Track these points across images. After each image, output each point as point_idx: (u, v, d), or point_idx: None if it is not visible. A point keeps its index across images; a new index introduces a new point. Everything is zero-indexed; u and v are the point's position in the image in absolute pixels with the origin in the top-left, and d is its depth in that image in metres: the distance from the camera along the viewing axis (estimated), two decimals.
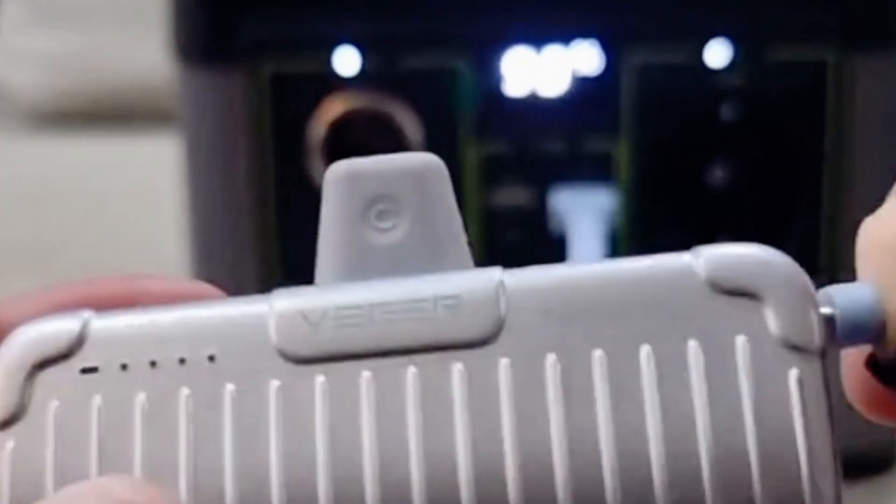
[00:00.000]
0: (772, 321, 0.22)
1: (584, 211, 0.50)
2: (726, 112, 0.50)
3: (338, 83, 0.50)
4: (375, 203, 0.24)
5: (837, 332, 0.22)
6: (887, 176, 0.51)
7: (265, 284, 0.51)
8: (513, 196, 0.51)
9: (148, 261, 0.81)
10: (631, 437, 0.22)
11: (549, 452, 0.22)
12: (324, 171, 0.51)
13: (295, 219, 0.51)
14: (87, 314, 0.23)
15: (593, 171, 0.50)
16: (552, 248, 0.50)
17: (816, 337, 0.22)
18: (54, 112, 1.05)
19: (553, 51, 0.49)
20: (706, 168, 0.51)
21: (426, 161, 0.24)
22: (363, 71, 0.49)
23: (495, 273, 0.23)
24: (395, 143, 0.50)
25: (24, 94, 1.07)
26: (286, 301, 0.23)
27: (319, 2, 0.50)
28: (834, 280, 0.51)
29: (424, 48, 0.49)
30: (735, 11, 0.50)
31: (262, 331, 0.23)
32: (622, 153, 0.50)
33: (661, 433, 0.22)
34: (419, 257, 0.24)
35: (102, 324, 0.23)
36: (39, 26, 1.07)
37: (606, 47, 0.49)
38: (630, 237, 0.51)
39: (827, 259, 0.51)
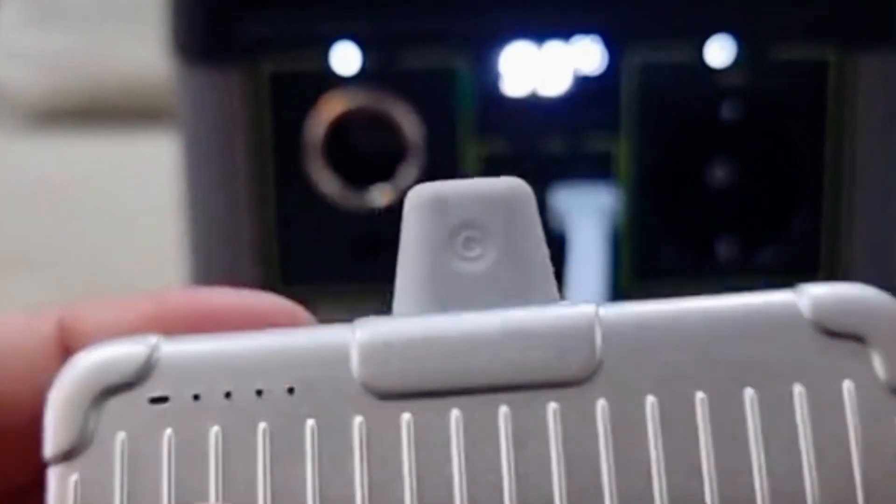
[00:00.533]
0: (879, 365, 0.22)
1: (584, 210, 0.50)
2: (727, 111, 0.50)
3: (336, 82, 0.49)
4: (461, 230, 0.23)
5: None
6: (888, 176, 0.51)
7: (263, 284, 0.51)
8: None
9: (146, 259, 0.81)
10: (735, 483, 0.21)
11: (649, 497, 0.21)
12: (323, 168, 0.51)
13: (294, 218, 0.51)
14: (155, 339, 0.22)
15: (594, 170, 0.50)
16: (552, 247, 0.50)
17: None
18: (53, 112, 1.05)
19: (553, 48, 0.49)
20: (707, 167, 0.51)
21: (514, 186, 0.23)
22: (362, 69, 0.49)
23: (590, 308, 0.22)
24: (395, 141, 0.50)
25: (23, 94, 1.06)
26: (370, 331, 0.22)
27: (318, 0, 0.50)
28: (833, 279, 0.51)
29: (424, 46, 0.49)
30: (736, 10, 0.49)
31: (344, 362, 0.22)
32: (623, 152, 0.50)
33: (766, 479, 0.21)
34: (506, 288, 0.23)
35: (172, 349, 0.22)
36: (39, 26, 1.06)
37: (608, 44, 0.49)
38: (631, 236, 0.51)
39: (827, 258, 0.51)
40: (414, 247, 0.23)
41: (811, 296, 0.22)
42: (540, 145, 0.50)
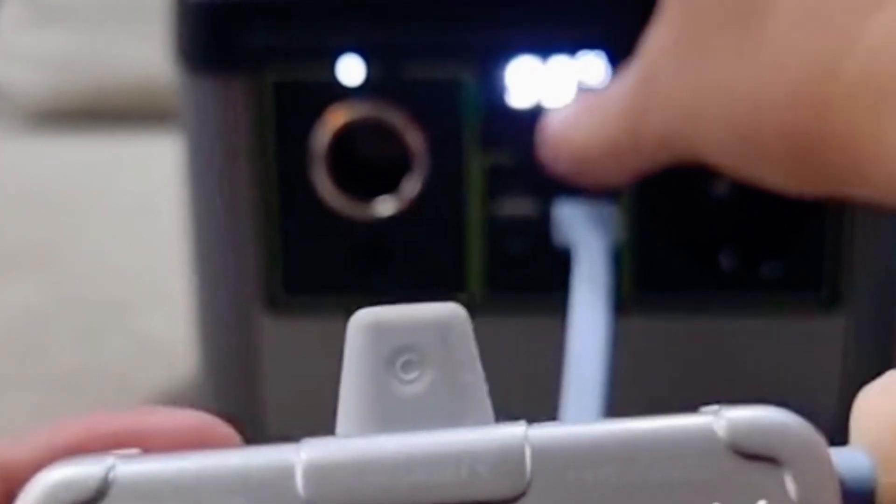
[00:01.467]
0: (791, 486, 0.23)
1: (588, 223, 0.50)
2: None
3: (341, 92, 0.49)
4: (401, 353, 0.24)
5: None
6: None
7: (267, 293, 0.51)
8: (517, 207, 0.50)
9: (146, 260, 0.81)
10: None
11: None
12: (326, 179, 0.51)
13: (298, 228, 0.51)
14: (111, 460, 0.23)
15: None
16: (556, 260, 0.50)
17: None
18: (54, 112, 1.05)
19: (558, 62, 0.49)
20: (709, 179, 0.51)
21: (451, 312, 0.25)
22: (367, 81, 0.49)
23: (520, 429, 0.23)
24: (399, 153, 0.50)
25: (23, 95, 1.06)
26: (314, 451, 0.23)
27: (323, 11, 0.49)
28: (836, 295, 0.51)
29: (429, 58, 0.49)
30: None
31: (290, 481, 0.23)
32: None
33: None
34: (442, 409, 0.24)
35: (128, 470, 0.23)
36: (39, 26, 1.06)
37: (612, 59, 0.49)
38: (633, 249, 0.51)
39: (830, 271, 0.51)
40: (356, 368, 0.25)
41: (727, 418, 0.23)
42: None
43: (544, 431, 0.23)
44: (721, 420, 0.23)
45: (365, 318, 0.25)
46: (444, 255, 0.51)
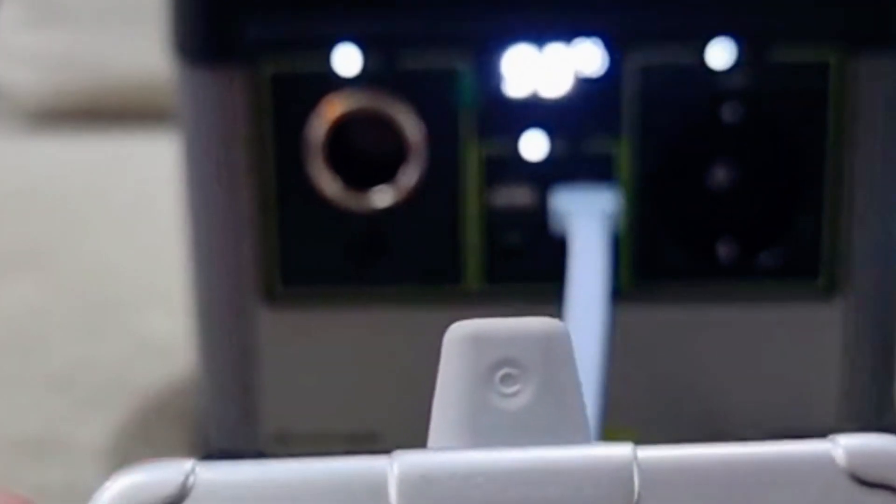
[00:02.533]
0: None
1: (585, 212, 0.50)
2: (728, 113, 0.50)
3: (338, 83, 0.49)
4: (500, 367, 0.24)
5: None
6: (889, 178, 0.51)
7: (264, 285, 0.51)
8: (514, 197, 0.50)
9: (147, 260, 0.81)
10: None
11: None
12: (324, 170, 0.51)
13: (295, 219, 0.51)
14: (190, 463, 0.22)
15: (595, 172, 0.50)
16: (553, 250, 0.50)
17: None
18: (53, 112, 1.05)
19: (555, 50, 0.49)
20: (708, 169, 0.51)
21: (553, 326, 0.24)
22: (363, 71, 0.49)
23: (627, 448, 0.23)
24: (396, 143, 0.50)
25: (23, 94, 1.07)
26: (408, 464, 0.23)
27: (319, 1, 0.50)
28: (834, 282, 0.51)
29: (425, 48, 0.49)
30: (737, 12, 0.49)
31: (382, 495, 0.22)
32: (624, 154, 0.50)
33: None
34: (541, 425, 0.24)
35: (209, 474, 0.22)
36: (39, 26, 1.07)
37: (609, 47, 0.49)
38: (631, 238, 0.51)
39: (828, 261, 0.51)
40: (452, 381, 0.24)
41: (846, 446, 0.23)
42: (541, 147, 0.50)
43: (653, 452, 0.23)
44: (838, 447, 0.23)
45: (464, 330, 0.24)
46: (442, 246, 0.51)
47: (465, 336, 0.24)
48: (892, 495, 0.23)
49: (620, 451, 0.23)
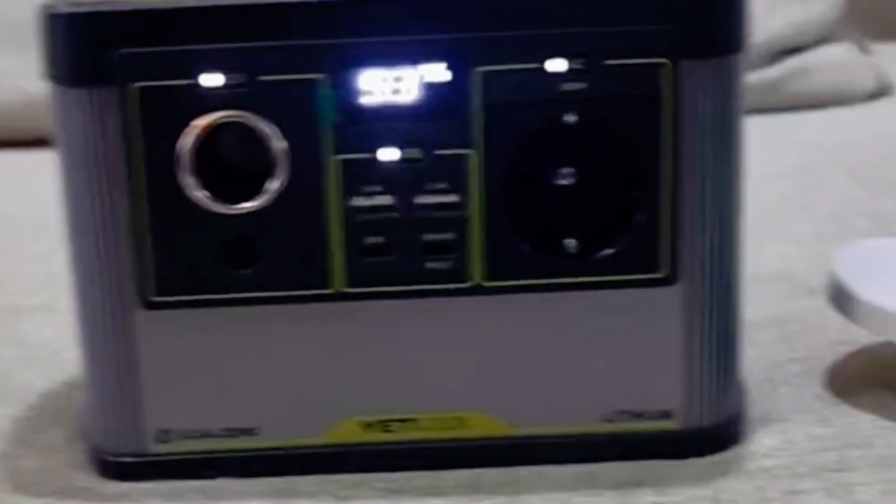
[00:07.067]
0: None
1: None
2: (568, 116, 0.53)
3: (204, 100, 0.52)
4: None
5: None
6: (719, 173, 0.55)
7: (141, 290, 0.54)
8: (372, 202, 0.54)
9: (37, 273, 0.83)
10: None
11: None
12: (193, 181, 0.53)
13: (169, 230, 0.54)
14: None
15: (447, 177, 0.54)
16: (413, 252, 0.54)
17: None
18: None
19: (406, 65, 0.53)
20: (552, 170, 0.54)
21: None
22: (229, 87, 0.52)
23: None
24: (261, 155, 0.53)
25: None
26: None
27: (185, 24, 0.53)
28: (674, 272, 0.55)
29: (285, 67, 0.53)
30: (573, 28, 0.53)
31: None
32: (473, 159, 0.54)
33: None
34: None
35: None
36: None
37: (455, 60, 0.53)
38: (484, 239, 0.54)
39: (666, 254, 0.55)
40: None
41: None
42: (395, 154, 0.53)
43: None
44: None
45: None
46: (308, 249, 0.54)
47: None
48: None
49: None
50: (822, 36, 1.32)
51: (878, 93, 1.32)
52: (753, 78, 0.56)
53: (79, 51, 0.53)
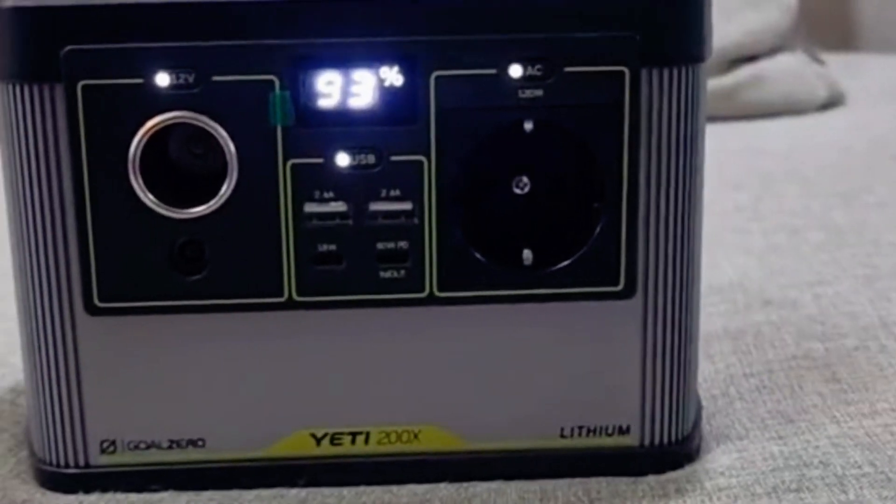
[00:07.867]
0: None
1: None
2: (526, 124, 0.52)
3: (155, 101, 0.51)
4: None
5: None
6: (680, 185, 0.54)
7: (86, 295, 0.53)
8: (325, 208, 0.53)
9: None
10: None
11: None
12: (142, 186, 0.52)
13: (116, 232, 0.52)
14: None
15: (401, 183, 0.53)
16: (366, 260, 0.53)
17: None
18: None
19: (361, 69, 0.52)
20: (511, 178, 0.53)
21: None
22: (179, 87, 0.51)
23: None
24: (212, 157, 0.52)
25: None
26: None
27: (137, 23, 0.51)
28: (632, 286, 0.54)
29: (238, 66, 0.51)
30: (533, 33, 0.52)
31: None
32: (430, 165, 0.52)
33: None
34: None
35: None
36: None
37: (412, 65, 0.51)
38: (437, 248, 0.53)
39: (624, 267, 0.54)
40: None
41: None
42: (349, 159, 0.52)
43: None
44: None
45: None
46: (258, 256, 0.53)
47: None
48: None
49: None
50: (776, 45, 1.33)
51: (829, 102, 1.33)
52: (709, 86, 0.55)
53: (24, 47, 0.52)
